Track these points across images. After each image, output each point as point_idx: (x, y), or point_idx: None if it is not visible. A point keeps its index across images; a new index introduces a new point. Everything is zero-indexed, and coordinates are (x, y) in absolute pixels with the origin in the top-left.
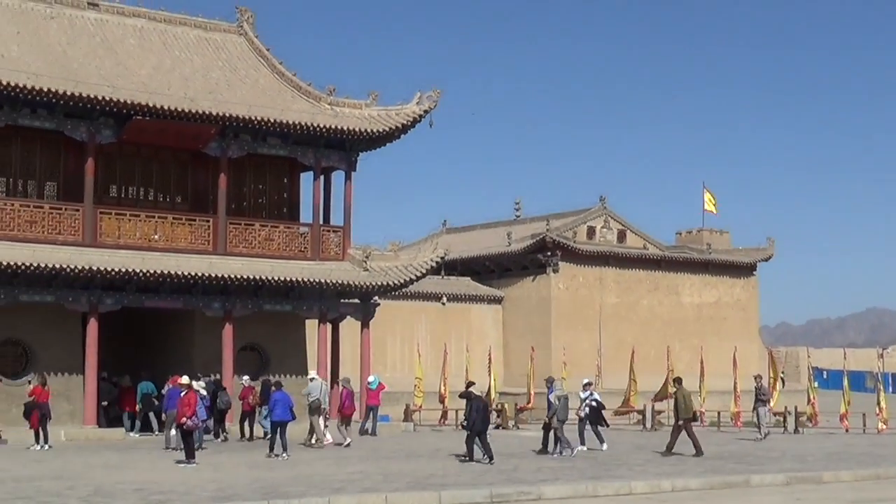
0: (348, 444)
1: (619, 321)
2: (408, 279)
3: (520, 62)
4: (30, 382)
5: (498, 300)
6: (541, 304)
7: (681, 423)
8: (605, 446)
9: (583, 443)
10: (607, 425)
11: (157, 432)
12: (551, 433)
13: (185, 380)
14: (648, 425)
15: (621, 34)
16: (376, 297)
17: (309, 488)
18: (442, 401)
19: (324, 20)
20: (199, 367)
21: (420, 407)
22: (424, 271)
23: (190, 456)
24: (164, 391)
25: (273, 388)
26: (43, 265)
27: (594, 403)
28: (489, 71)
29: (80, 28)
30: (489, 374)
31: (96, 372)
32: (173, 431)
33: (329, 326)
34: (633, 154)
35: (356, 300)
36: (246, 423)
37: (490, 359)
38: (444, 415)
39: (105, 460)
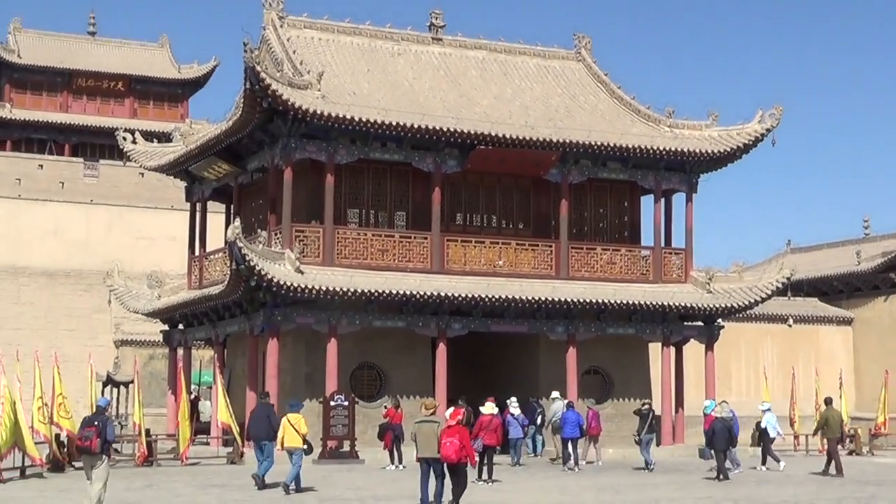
0: (599, 463)
1: None
2: (752, 301)
3: (864, 71)
4: (385, 406)
5: (847, 321)
6: (895, 326)
7: (826, 439)
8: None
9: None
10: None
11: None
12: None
13: (488, 406)
14: None
15: None
16: (720, 320)
17: None
18: (791, 425)
19: (659, 40)
20: (544, 390)
21: None
22: (769, 292)
23: (489, 475)
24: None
25: (565, 407)
26: (395, 292)
27: (768, 425)
28: (832, 83)
29: (424, 62)
30: (840, 398)
31: (446, 395)
32: None
33: (672, 349)
34: None
35: (699, 323)
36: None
37: (841, 382)
38: (797, 438)
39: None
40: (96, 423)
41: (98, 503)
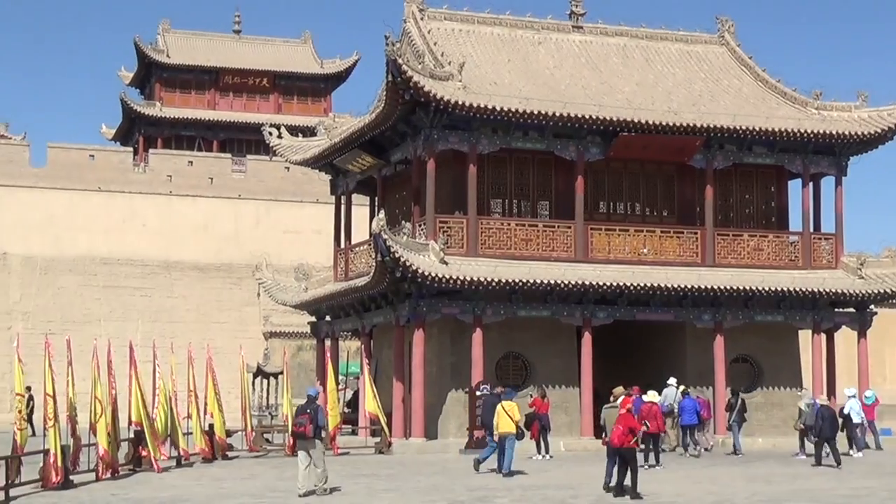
0: (708, 449)
1: None
2: None
3: None
4: (531, 396)
5: None
6: None
7: None
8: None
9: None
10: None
11: None
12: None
13: (650, 394)
14: None
15: None
16: (872, 306)
17: None
18: None
19: (805, 20)
20: (692, 379)
21: None
22: None
23: (656, 460)
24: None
25: (681, 395)
26: (539, 281)
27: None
28: None
29: (565, 51)
30: None
31: (591, 384)
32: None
33: (823, 337)
34: None
35: (851, 309)
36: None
37: None
38: None
39: (601, 470)
40: (308, 410)
41: (324, 481)
